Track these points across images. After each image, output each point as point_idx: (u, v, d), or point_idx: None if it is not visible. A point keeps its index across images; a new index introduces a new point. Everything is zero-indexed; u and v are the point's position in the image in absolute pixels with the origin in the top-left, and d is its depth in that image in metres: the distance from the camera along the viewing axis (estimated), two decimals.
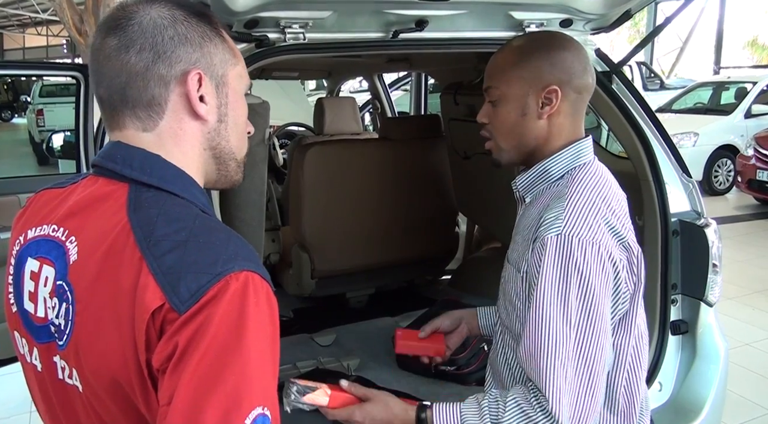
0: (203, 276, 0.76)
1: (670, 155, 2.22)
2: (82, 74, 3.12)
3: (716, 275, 2.12)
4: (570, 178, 1.30)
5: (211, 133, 0.93)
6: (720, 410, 2.17)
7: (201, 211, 0.88)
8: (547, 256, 1.19)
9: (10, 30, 35.90)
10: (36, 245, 0.91)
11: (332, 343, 2.88)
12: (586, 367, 1.17)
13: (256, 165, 2.26)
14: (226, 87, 0.94)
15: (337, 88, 4.88)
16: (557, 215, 1.22)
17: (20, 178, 4.54)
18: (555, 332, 1.17)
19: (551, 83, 1.30)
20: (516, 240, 1.36)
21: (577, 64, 1.32)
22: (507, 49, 1.38)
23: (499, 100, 1.35)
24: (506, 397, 1.21)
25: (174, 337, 0.75)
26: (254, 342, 0.76)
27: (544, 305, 1.18)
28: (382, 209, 3.07)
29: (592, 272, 1.18)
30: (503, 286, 1.40)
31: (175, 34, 0.88)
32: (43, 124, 13.61)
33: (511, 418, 1.18)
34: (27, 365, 0.95)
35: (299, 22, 1.81)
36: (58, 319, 0.86)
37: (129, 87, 0.87)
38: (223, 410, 0.72)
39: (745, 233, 7.32)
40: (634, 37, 23.89)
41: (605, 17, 2.14)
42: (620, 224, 1.25)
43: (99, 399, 0.83)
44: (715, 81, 11.88)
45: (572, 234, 1.18)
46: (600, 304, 1.19)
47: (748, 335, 4.42)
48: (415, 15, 1.91)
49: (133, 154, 0.88)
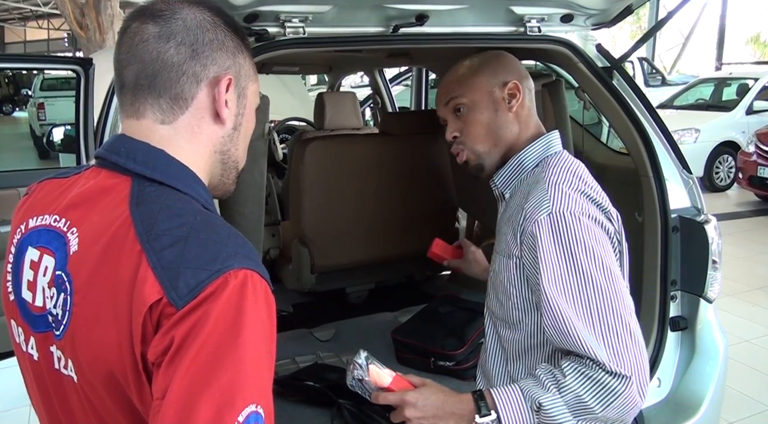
0: (202, 272, 0.77)
1: (670, 151, 2.21)
2: (83, 68, 3.12)
3: (716, 272, 2.11)
4: (544, 165, 1.39)
5: (225, 138, 0.97)
6: (719, 406, 2.17)
7: (203, 207, 0.88)
8: (545, 235, 1.24)
9: (11, 23, 35.86)
10: (37, 234, 0.92)
11: (331, 338, 2.89)
12: (621, 322, 1.19)
13: (257, 160, 2.25)
14: (245, 99, 0.99)
15: (338, 82, 4.87)
16: (541, 197, 1.28)
17: (21, 171, 4.53)
18: (579, 302, 1.20)
19: (510, 79, 1.45)
20: (501, 231, 1.41)
21: (520, 67, 1.50)
22: (460, 66, 1.52)
23: (468, 107, 1.46)
24: (561, 366, 1.22)
25: (170, 331, 0.75)
26: (250, 340, 0.76)
27: (557, 282, 1.21)
28: (382, 204, 3.07)
29: (592, 238, 1.23)
30: (492, 279, 1.44)
31: (214, 38, 0.92)
32: (44, 118, 13.60)
33: (574, 382, 1.19)
34: (23, 354, 0.95)
35: (299, 16, 1.80)
36: (55, 309, 0.86)
37: (161, 76, 0.89)
38: (216, 407, 0.72)
39: (745, 230, 7.32)
40: (636, 32, 23.86)
41: (606, 12, 2.13)
42: (598, 196, 1.32)
43: (94, 390, 0.84)
44: (717, 77, 11.85)
45: (562, 210, 1.24)
46: (611, 264, 1.24)
47: (748, 331, 4.43)
48: (416, 9, 1.90)
49: (136, 148, 0.89)
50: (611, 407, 1.17)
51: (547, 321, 1.23)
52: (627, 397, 1.16)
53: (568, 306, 1.20)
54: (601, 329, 1.18)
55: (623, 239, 1.36)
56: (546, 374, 1.22)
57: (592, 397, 1.17)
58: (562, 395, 1.19)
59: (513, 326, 1.36)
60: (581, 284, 1.20)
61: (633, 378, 1.16)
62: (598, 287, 1.20)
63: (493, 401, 1.22)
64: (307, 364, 2.56)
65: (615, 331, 1.18)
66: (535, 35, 2.09)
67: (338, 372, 2.39)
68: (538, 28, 2.08)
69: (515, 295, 1.33)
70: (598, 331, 1.18)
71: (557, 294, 1.21)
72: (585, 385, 1.18)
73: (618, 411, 1.18)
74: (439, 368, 2.49)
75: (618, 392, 1.16)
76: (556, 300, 1.21)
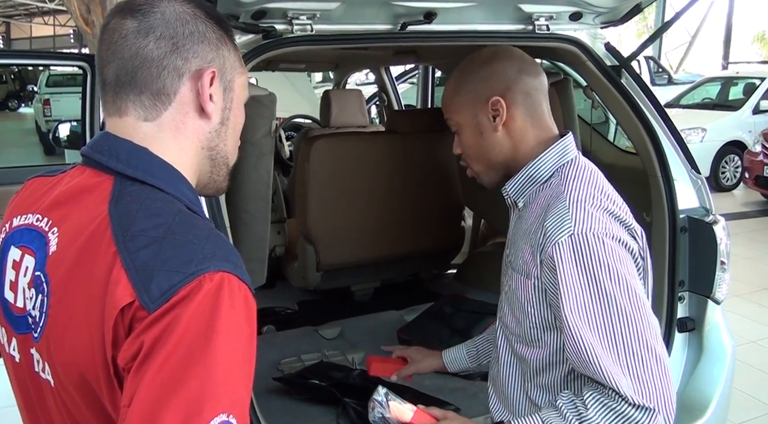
0: (175, 275, 0.74)
1: (678, 151, 2.20)
2: (89, 64, 3.12)
3: (724, 273, 2.10)
4: (561, 176, 1.30)
5: (212, 134, 0.94)
6: (726, 408, 2.16)
7: (186, 207, 0.86)
8: (567, 258, 1.17)
9: (17, 19, 35.95)
10: (20, 233, 0.90)
11: (337, 336, 2.88)
12: (648, 349, 1.14)
13: (263, 157, 2.25)
14: (232, 92, 0.96)
15: (344, 80, 4.86)
16: (562, 216, 1.20)
17: (26, 167, 4.54)
18: (602, 329, 1.14)
19: (492, 95, 1.33)
20: (518, 246, 1.33)
21: (509, 70, 1.35)
22: (447, 83, 1.43)
23: (458, 128, 1.40)
24: (583, 396, 1.18)
25: (140, 336, 0.72)
26: (224, 346, 0.73)
27: (580, 309, 1.16)
28: (387, 203, 3.06)
29: (616, 260, 1.17)
30: (508, 295, 1.37)
31: (195, 31, 0.89)
32: (49, 114, 13.63)
33: (596, 414, 1.14)
34: (6, 355, 0.94)
35: (307, 14, 1.79)
36: (34, 310, 0.84)
37: (141, 72, 0.87)
38: (183, 415, 0.69)
39: (752, 230, 7.29)
40: (642, 31, 23.78)
41: (616, 11, 2.12)
42: (622, 212, 1.24)
43: (69, 395, 0.82)
44: (724, 76, 11.80)
45: (585, 231, 1.17)
46: (635, 285, 1.17)
47: (754, 332, 4.40)
48: (424, 7, 1.89)
49: (119, 146, 0.87)
50: None
51: (570, 349, 1.18)
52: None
53: (591, 334, 1.15)
54: (626, 358, 1.13)
55: (647, 256, 1.29)
56: (568, 405, 1.18)
57: None
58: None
59: (531, 344, 1.31)
60: (605, 311, 1.15)
61: (658, 410, 1.11)
62: (622, 313, 1.14)
63: None
64: (313, 362, 2.55)
65: (641, 358, 1.13)
66: (543, 33, 2.08)
67: (344, 371, 2.39)
68: (546, 26, 2.07)
69: (534, 314, 1.28)
70: (623, 359, 1.13)
71: (580, 322, 1.16)
72: (608, 418, 1.13)
73: None
74: None
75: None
76: (578, 328, 1.16)
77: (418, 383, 2.33)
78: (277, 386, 2.36)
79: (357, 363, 2.57)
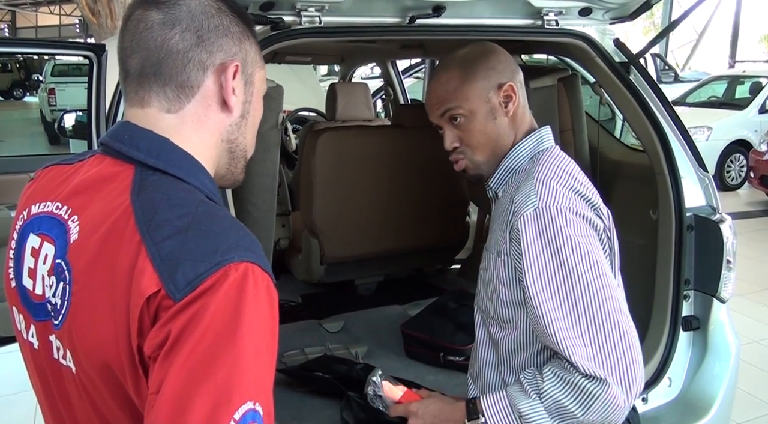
0: (201, 264, 0.75)
1: (686, 149, 2.19)
2: (96, 54, 3.10)
3: (730, 272, 2.09)
4: (535, 160, 1.36)
5: (232, 126, 0.95)
6: (729, 407, 2.16)
7: (207, 197, 0.86)
8: (531, 231, 1.22)
9: (23, 8, 35.95)
10: (39, 221, 0.91)
11: (340, 329, 2.88)
12: (608, 319, 1.17)
13: (269, 149, 2.24)
14: (253, 86, 0.97)
15: (350, 73, 4.85)
16: (528, 192, 1.26)
17: (31, 156, 4.53)
18: (563, 299, 1.18)
19: (504, 80, 1.38)
20: (493, 229, 1.39)
21: (510, 62, 1.43)
22: (447, 75, 1.41)
23: (466, 117, 1.39)
24: (542, 370, 1.23)
25: (167, 324, 0.73)
26: (250, 335, 0.74)
27: (541, 278, 1.20)
28: (393, 197, 3.06)
29: (579, 233, 1.22)
30: (483, 277, 1.42)
31: (219, 24, 0.90)
32: (54, 104, 13.65)
33: (550, 386, 1.19)
34: (24, 342, 0.95)
35: (315, 5, 1.79)
36: (54, 298, 0.85)
37: (166, 63, 0.87)
38: (212, 403, 0.70)
39: (756, 230, 7.28)
40: (649, 29, 23.73)
41: (625, 7, 2.11)
42: (588, 192, 1.30)
43: (91, 382, 0.82)
44: (730, 75, 11.79)
45: (549, 205, 1.23)
46: (598, 258, 1.22)
47: (757, 332, 4.40)
48: (433, 1, 1.88)
49: (140, 135, 0.87)
50: (591, 410, 1.16)
51: (532, 320, 1.23)
52: (606, 400, 1.14)
53: (552, 304, 1.19)
54: (586, 327, 1.16)
55: (614, 236, 1.33)
56: (529, 380, 1.23)
57: (571, 401, 1.16)
58: (543, 401, 1.19)
59: (503, 324, 1.35)
60: (566, 281, 1.19)
61: (613, 381, 1.14)
62: (583, 283, 1.18)
63: (481, 407, 1.27)
64: (317, 355, 2.55)
65: (601, 328, 1.16)
66: (552, 29, 2.07)
67: (347, 364, 2.39)
68: (555, 21, 2.06)
69: (504, 293, 1.31)
70: (583, 328, 1.16)
71: (541, 291, 1.20)
72: (564, 389, 1.17)
73: (600, 415, 1.16)
74: (449, 363, 2.48)
75: (595, 395, 1.15)
76: (539, 298, 1.20)
77: (421, 377, 2.34)
78: (281, 378, 2.36)
79: (360, 357, 2.57)
